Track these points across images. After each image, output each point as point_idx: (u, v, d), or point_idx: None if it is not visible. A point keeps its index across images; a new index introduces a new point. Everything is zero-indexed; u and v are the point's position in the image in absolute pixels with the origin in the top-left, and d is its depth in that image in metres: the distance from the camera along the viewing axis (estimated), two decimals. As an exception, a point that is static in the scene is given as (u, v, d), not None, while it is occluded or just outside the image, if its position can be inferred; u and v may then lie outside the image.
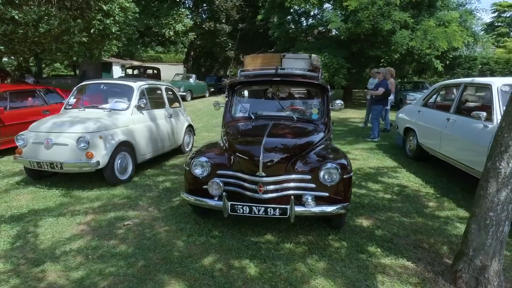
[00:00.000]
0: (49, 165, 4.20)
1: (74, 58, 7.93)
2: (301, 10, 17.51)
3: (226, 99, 4.11)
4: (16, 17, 6.13)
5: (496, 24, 40.32)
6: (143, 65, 21.43)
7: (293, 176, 2.96)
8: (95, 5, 6.76)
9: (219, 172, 3.06)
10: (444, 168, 5.49)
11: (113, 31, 7.22)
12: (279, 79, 3.91)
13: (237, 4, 20.25)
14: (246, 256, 2.87)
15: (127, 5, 7.43)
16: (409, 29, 14.46)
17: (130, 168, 4.79)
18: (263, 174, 2.88)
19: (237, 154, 3.10)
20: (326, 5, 16.73)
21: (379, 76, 7.74)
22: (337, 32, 14.85)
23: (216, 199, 3.01)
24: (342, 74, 14.88)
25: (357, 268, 2.73)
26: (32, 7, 6.47)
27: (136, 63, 30.63)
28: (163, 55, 38.69)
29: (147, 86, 5.46)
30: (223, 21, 19.89)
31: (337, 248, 3.03)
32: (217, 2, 19.14)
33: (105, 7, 6.74)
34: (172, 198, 4.20)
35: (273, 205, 2.87)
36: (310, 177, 2.96)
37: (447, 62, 15.95)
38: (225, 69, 33.47)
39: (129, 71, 19.69)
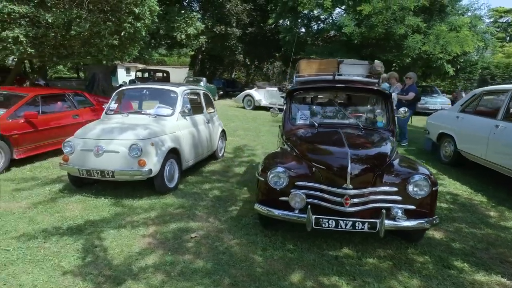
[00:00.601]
0: (99, 173, 4.00)
1: (104, 62, 7.74)
2: (311, 14, 17.45)
3: (284, 106, 3.95)
4: (50, 20, 5.93)
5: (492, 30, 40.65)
6: (153, 68, 21.14)
7: (380, 189, 2.80)
8: (126, 7, 6.57)
9: (299, 183, 2.90)
10: (485, 175, 5.37)
11: (143, 34, 7.05)
12: (342, 85, 3.76)
13: (247, 8, 20.12)
14: (333, 272, 2.71)
15: (157, 8, 7.26)
16: (421, 33, 14.42)
17: (176, 176, 4.60)
18: (351, 186, 2.72)
19: (316, 164, 2.94)
20: (338, 10, 16.66)
21: (408, 81, 7.63)
22: (346, 36, 14.75)
23: (296, 211, 2.85)
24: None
25: (453, 285, 2.58)
26: (63, 10, 6.26)
27: (140, 66, 30.35)
28: (167, 58, 38.44)
29: (188, 91, 5.28)
30: (234, 24, 19.73)
31: (423, 263, 2.87)
32: (228, 6, 18.99)
33: (136, 10, 6.56)
34: (228, 207, 4.03)
35: (361, 219, 2.71)
36: (396, 189, 2.81)
37: (458, 67, 15.95)
38: (229, 72, 33.35)
39: (139, 74, 19.45)
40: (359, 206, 2.77)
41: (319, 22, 17.88)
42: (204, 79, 18.16)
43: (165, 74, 19.96)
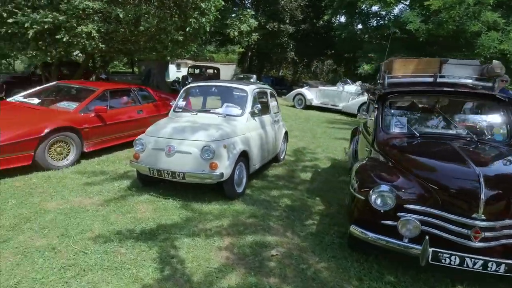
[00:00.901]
0: (170, 174, 3.82)
1: (168, 58, 7.79)
2: (370, 10, 16.41)
3: (376, 111, 3.44)
4: (121, 15, 5.94)
5: None
6: (204, 64, 21.39)
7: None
8: (193, 3, 6.44)
9: (409, 206, 2.41)
10: None
11: (207, 29, 6.91)
12: (450, 89, 3.17)
13: (301, 4, 19.51)
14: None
15: (222, 2, 7.07)
16: (499, 30, 12.82)
17: (244, 180, 4.30)
18: (483, 216, 2.18)
19: (432, 185, 2.43)
20: (401, 6, 15.45)
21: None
22: (409, 34, 13.56)
23: (406, 240, 2.37)
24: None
25: None
26: (133, 6, 6.26)
27: (189, 62, 30.99)
28: (215, 55, 38.99)
29: (258, 90, 4.95)
30: (287, 21, 19.23)
31: None
32: (282, 2, 18.55)
33: (203, 5, 6.40)
34: (304, 221, 3.63)
35: (495, 259, 2.16)
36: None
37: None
38: (277, 70, 32.95)
39: (191, 70, 19.76)
40: (491, 241, 2.22)
41: (378, 18, 16.75)
42: (254, 76, 17.95)
43: (215, 71, 20.06)
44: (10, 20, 5.99)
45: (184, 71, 37.96)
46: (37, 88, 6.28)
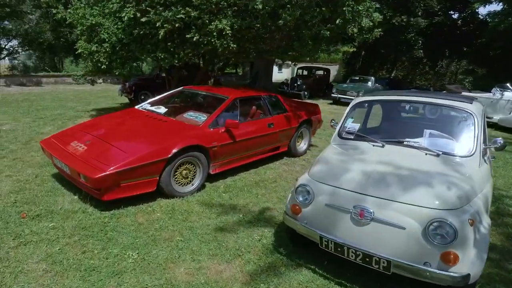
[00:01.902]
0: (360, 256, 2.20)
1: (308, 58, 6.49)
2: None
3: None
4: (260, 6, 4.65)
5: None
6: (314, 65, 19.59)
7: None
8: (349, -14, 4.80)
9: None
10: None
11: (363, 20, 5.25)
12: None
13: (441, -8, 15.98)
14: None
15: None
16: None
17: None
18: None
19: None
20: None
21: None
22: None
23: None
24: None
25: None
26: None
27: (289, 62, 29.55)
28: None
29: (483, 109, 2.96)
30: (419, 13, 15.93)
31: None
32: (415, -9, 15.44)
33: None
34: None
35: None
36: None
37: None
38: (387, 71, 28.95)
39: (299, 72, 18.25)
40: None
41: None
42: (372, 78, 15.36)
43: (325, 72, 18.11)
44: (143, 19, 5.35)
45: (285, 73, 36.98)
46: (163, 94, 5.52)
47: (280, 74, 34.39)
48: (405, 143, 2.84)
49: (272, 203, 3.98)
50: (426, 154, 2.64)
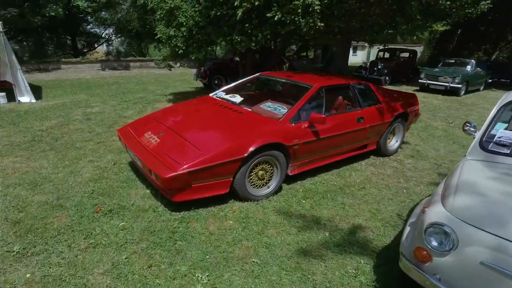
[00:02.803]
0: None
1: (414, 37, 5.34)
2: None
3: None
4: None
5: None
6: (397, 47, 17.06)
7: None
8: None
9: None
10: None
11: None
12: None
13: None
14: None
15: None
16: None
17: None
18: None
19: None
20: None
21: None
22: None
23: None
24: None
25: None
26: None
27: (366, 44, 26.55)
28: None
29: None
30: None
31: None
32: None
33: None
34: None
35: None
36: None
37: None
38: (487, 52, 24.23)
39: (380, 54, 16.16)
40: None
41: None
42: (473, 61, 12.71)
43: (411, 55, 15.68)
44: (221, -2, 4.80)
45: (359, 55, 33.79)
46: (239, 81, 4.96)
47: (355, 57, 31.49)
48: None
49: (363, 218, 3.17)
50: None
